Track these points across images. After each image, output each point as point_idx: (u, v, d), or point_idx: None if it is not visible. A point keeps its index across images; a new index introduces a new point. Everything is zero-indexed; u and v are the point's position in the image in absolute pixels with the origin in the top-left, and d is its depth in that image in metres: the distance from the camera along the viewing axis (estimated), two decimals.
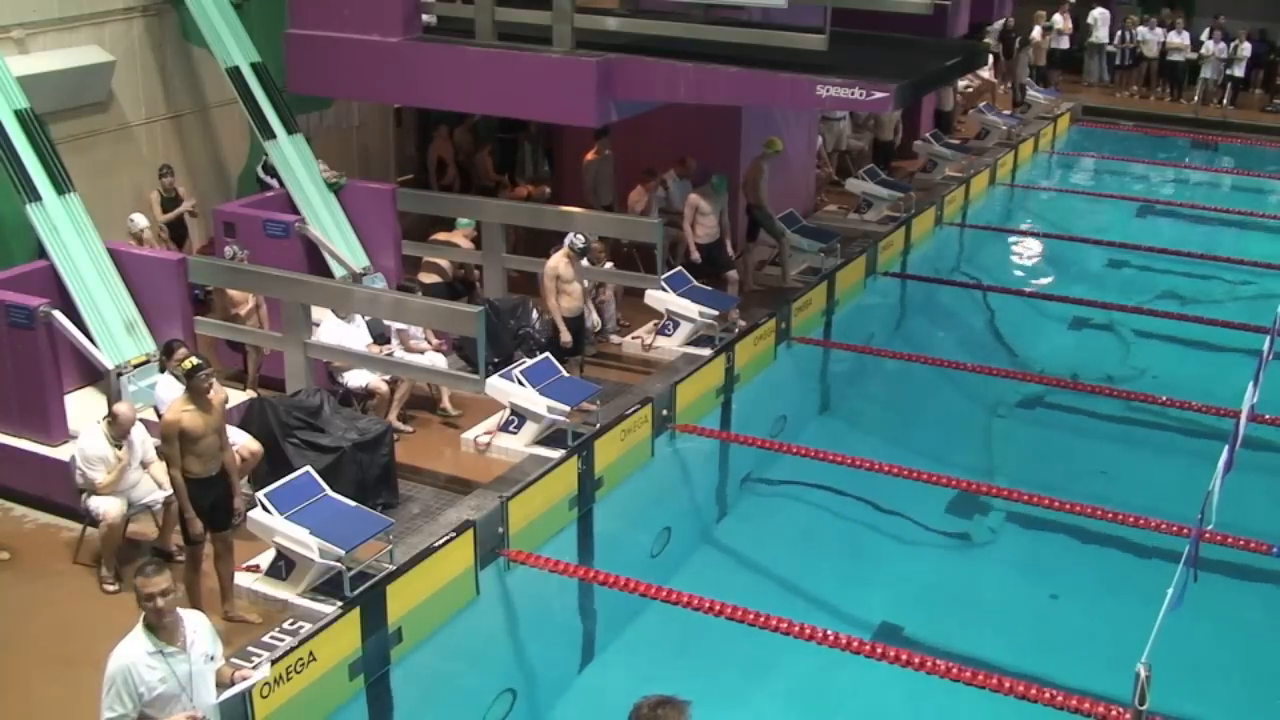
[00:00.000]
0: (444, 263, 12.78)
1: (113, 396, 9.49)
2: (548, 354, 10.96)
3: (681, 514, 11.35)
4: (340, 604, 7.97)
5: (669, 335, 12.60)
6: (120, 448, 8.52)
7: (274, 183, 12.95)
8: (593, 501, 10.21)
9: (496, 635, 9.11)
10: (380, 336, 11.03)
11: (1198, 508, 8.29)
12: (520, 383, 10.41)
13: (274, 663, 7.22)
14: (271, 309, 11.01)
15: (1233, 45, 23.86)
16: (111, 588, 8.42)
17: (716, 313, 12.58)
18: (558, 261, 11.51)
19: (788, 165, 15.03)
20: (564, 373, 10.87)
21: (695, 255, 13.48)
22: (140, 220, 11.88)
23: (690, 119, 13.77)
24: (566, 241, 11.65)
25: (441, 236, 13.17)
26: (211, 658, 6.09)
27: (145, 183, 13.07)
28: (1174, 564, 7.54)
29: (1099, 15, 25.68)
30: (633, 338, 12.91)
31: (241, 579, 8.36)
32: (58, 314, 9.61)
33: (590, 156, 14.73)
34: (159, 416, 9.05)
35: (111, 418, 8.54)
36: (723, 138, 14.70)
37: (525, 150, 17.57)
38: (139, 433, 8.72)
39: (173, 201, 12.83)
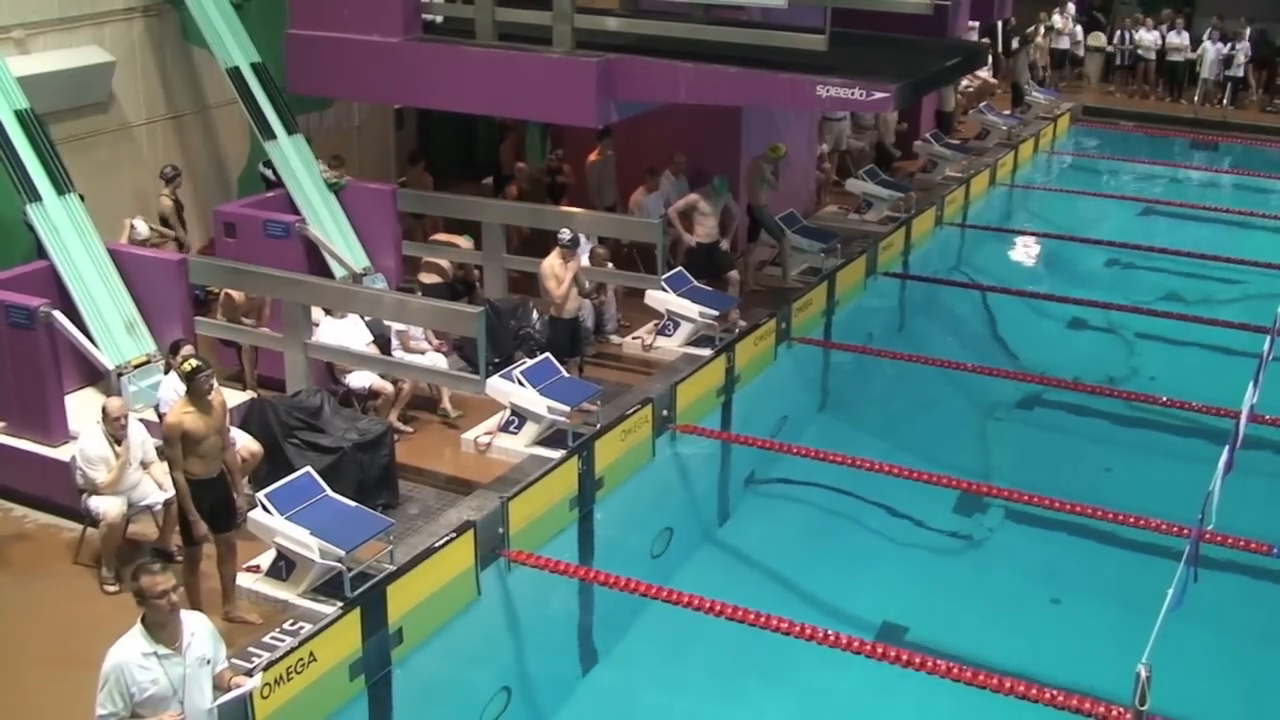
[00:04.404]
0: (444, 263, 12.78)
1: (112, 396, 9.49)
2: (548, 355, 10.96)
3: (682, 514, 11.36)
4: (341, 604, 7.97)
5: (669, 335, 12.60)
6: (119, 443, 8.52)
7: (271, 174, 12.95)
8: (593, 502, 10.22)
9: (497, 636, 9.12)
10: (380, 337, 11.02)
11: (1198, 508, 8.30)
12: (520, 383, 10.41)
13: (269, 666, 7.23)
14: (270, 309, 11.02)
15: (1229, 45, 23.86)
16: (112, 588, 8.41)
17: (717, 313, 12.57)
18: (553, 261, 11.49)
19: (788, 166, 15.02)
20: (564, 373, 10.87)
21: (690, 240, 13.53)
22: (142, 228, 11.82)
23: (690, 119, 13.77)
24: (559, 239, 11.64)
25: (442, 237, 13.18)
26: (208, 661, 6.09)
27: (146, 183, 13.07)
28: (1174, 564, 7.55)
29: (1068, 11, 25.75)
30: (633, 338, 12.90)
31: (242, 579, 8.36)
32: (58, 314, 9.61)
33: (593, 158, 14.75)
34: (160, 417, 9.06)
35: (102, 413, 8.54)
36: (723, 138, 14.69)
37: (533, 137, 17.60)
38: (138, 432, 8.72)
39: (176, 204, 12.79)
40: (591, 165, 14.71)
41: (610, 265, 12.85)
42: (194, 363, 7.84)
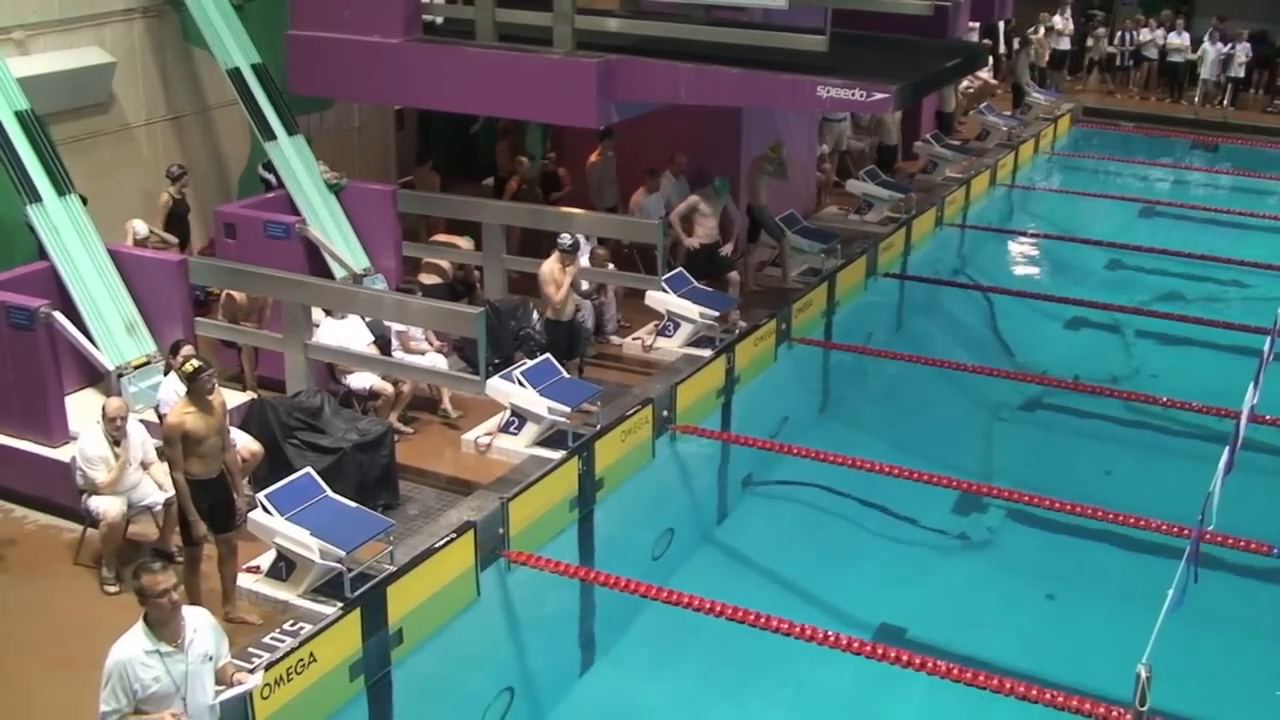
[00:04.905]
0: (444, 264, 12.78)
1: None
2: (548, 355, 10.96)
3: (682, 515, 11.36)
4: (341, 605, 7.97)
5: (669, 336, 12.60)
6: (119, 444, 8.52)
7: (272, 178, 12.95)
8: (593, 502, 10.21)
9: (497, 636, 9.12)
10: (380, 338, 11.02)
11: (1198, 508, 8.30)
12: (521, 384, 10.41)
13: (269, 667, 7.23)
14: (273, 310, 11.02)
15: (1229, 46, 23.87)
16: (112, 589, 8.40)
17: (717, 314, 12.57)
18: (553, 265, 11.45)
19: (790, 165, 15.01)
20: (564, 374, 10.87)
21: (692, 243, 13.54)
22: (141, 228, 11.82)
23: (691, 120, 13.77)
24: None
25: (442, 238, 13.18)
26: (210, 657, 6.11)
27: (147, 184, 13.08)
28: (1175, 565, 7.55)
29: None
30: (633, 339, 12.90)
31: (242, 580, 8.35)
32: (58, 315, 9.61)
33: (594, 159, 14.74)
34: (160, 418, 9.07)
35: (101, 414, 8.52)
36: (724, 139, 14.70)
37: (533, 137, 17.61)
38: (138, 432, 8.72)
39: (181, 204, 12.79)
40: (592, 166, 14.72)
41: (610, 266, 12.85)
42: (195, 363, 7.84)
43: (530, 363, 10.74)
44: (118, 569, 8.46)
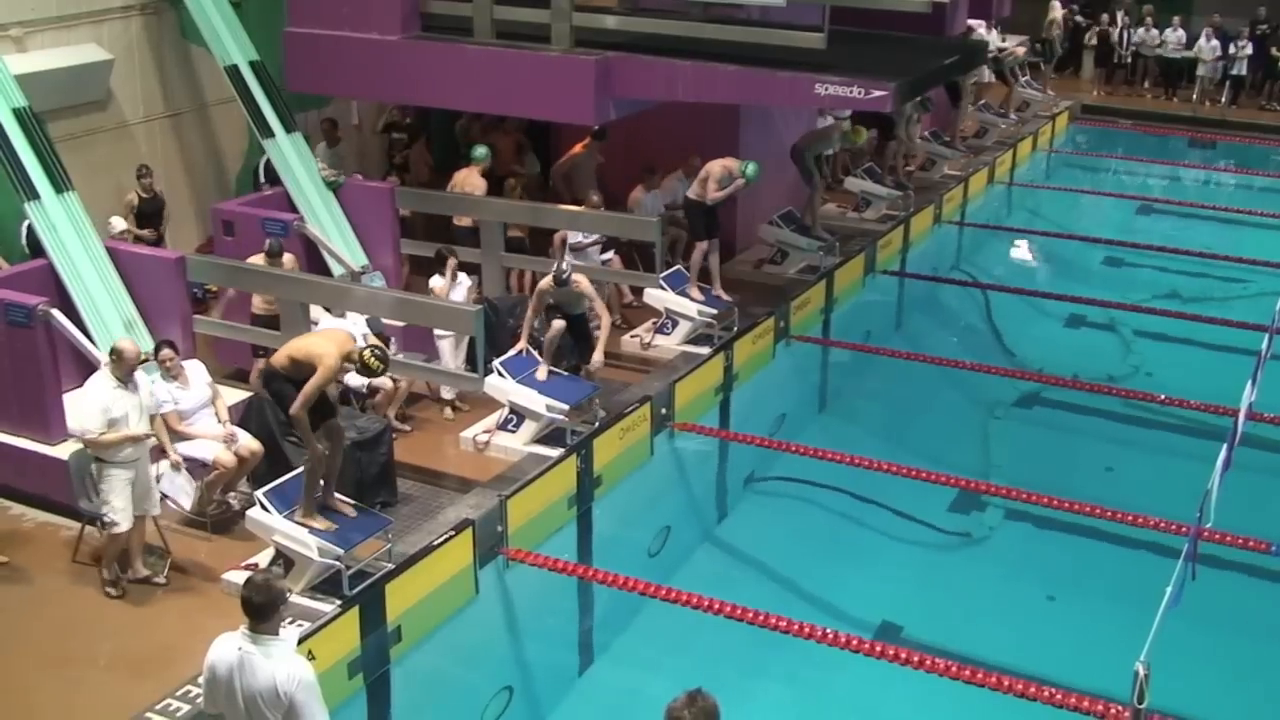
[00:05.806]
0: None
1: None
2: (527, 348, 10.85)
3: (680, 512, 11.36)
4: (339, 603, 7.96)
5: (668, 334, 12.60)
6: (127, 386, 8.31)
7: (264, 178, 12.95)
8: (592, 500, 10.19)
9: (496, 634, 9.11)
10: (380, 334, 10.99)
11: (1196, 506, 8.31)
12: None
13: None
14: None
15: (1230, 45, 23.85)
16: (114, 592, 8.39)
17: (715, 311, 12.57)
18: (548, 285, 11.32)
19: (786, 164, 15.00)
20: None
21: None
22: (118, 223, 11.74)
23: (689, 117, 13.76)
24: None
25: (460, 176, 13.16)
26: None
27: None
28: (1173, 562, 7.56)
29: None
30: (631, 336, 12.90)
31: (238, 579, 8.34)
32: (56, 313, 9.60)
33: (577, 149, 14.65)
34: (152, 418, 9.07)
35: (115, 354, 8.29)
36: (722, 136, 14.67)
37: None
38: (145, 383, 8.55)
39: (152, 202, 12.75)
40: (570, 157, 14.60)
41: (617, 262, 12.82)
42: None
43: (510, 352, 10.69)
44: (117, 572, 8.44)
